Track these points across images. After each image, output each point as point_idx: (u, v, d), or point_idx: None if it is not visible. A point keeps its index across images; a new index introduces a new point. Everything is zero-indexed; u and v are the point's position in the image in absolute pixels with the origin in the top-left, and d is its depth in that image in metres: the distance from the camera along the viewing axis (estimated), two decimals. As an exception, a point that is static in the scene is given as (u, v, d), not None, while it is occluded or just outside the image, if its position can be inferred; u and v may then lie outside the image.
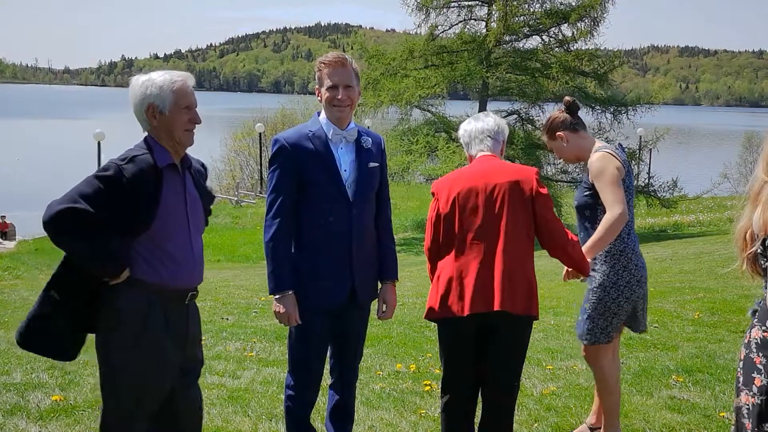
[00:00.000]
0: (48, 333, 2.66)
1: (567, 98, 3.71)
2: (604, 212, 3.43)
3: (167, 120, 2.66)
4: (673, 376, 4.83)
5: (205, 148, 17.38)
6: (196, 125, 2.73)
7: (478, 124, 3.34)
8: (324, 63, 3.10)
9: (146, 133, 2.72)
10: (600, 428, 3.84)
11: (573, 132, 3.65)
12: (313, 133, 3.12)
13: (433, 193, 3.30)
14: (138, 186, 2.55)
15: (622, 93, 27.21)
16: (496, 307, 3.06)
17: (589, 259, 3.43)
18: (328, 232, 3.10)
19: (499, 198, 3.11)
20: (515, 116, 24.72)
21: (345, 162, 3.13)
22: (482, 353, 3.23)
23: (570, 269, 3.47)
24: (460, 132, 3.40)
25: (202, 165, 2.92)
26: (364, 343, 3.40)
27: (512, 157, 22.54)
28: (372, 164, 3.19)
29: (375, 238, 3.26)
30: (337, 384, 3.35)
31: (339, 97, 3.08)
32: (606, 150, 3.54)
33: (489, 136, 3.30)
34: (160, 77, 2.66)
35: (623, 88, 31.13)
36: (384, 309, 3.31)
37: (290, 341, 3.24)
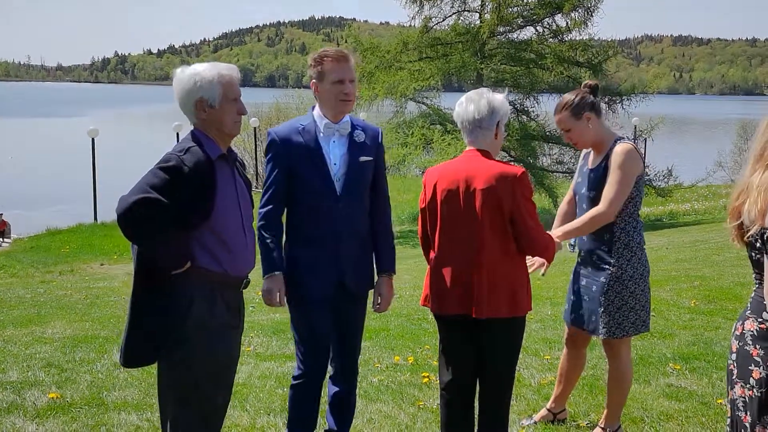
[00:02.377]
0: (146, 341, 2.66)
1: (590, 81, 3.60)
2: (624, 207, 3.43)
3: (217, 113, 2.70)
4: (671, 364, 4.84)
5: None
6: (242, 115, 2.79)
7: (471, 109, 3.15)
8: (328, 57, 3.10)
9: (192, 127, 2.75)
10: (562, 411, 3.94)
11: (597, 116, 3.53)
12: (304, 127, 3.15)
13: (424, 183, 3.28)
14: (198, 175, 2.59)
15: (617, 83, 27.21)
16: (474, 314, 3.08)
17: (560, 242, 3.44)
18: (316, 225, 3.14)
19: (477, 203, 3.05)
20: (510, 107, 24.63)
21: (335, 156, 3.15)
22: (476, 347, 3.23)
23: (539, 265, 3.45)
24: (454, 116, 3.28)
25: (240, 158, 2.97)
26: (361, 336, 3.40)
27: (507, 149, 22.54)
28: (364, 158, 3.18)
29: (368, 232, 3.27)
30: (337, 376, 3.37)
31: (347, 91, 3.10)
32: (631, 143, 3.44)
33: (478, 126, 3.15)
34: (208, 72, 2.68)
35: (617, 78, 31.14)
36: (379, 302, 3.33)
37: (294, 336, 3.28)
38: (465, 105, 3.20)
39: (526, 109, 24.78)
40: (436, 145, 23.06)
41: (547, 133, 23.85)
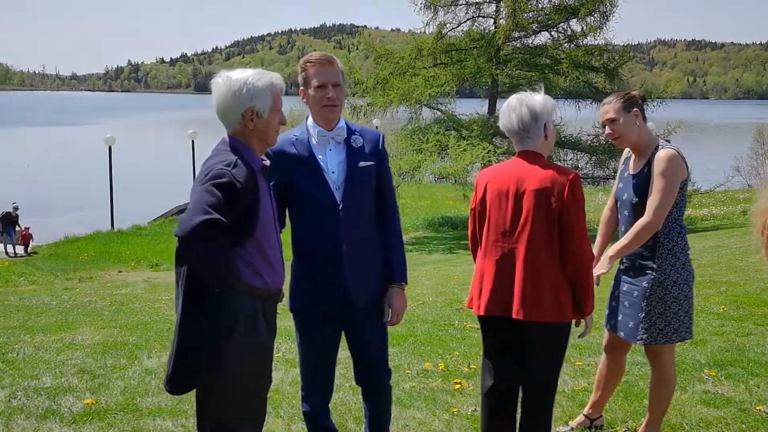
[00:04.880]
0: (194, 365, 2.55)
1: (639, 91, 3.62)
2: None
3: (264, 123, 2.62)
4: (705, 371, 4.79)
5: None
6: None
7: (514, 119, 3.14)
8: (310, 62, 3.00)
9: (224, 135, 2.66)
10: (599, 417, 3.90)
11: (644, 118, 3.55)
12: (297, 137, 3.05)
13: (475, 184, 3.28)
14: (248, 190, 2.51)
15: (632, 88, 27.09)
16: (515, 315, 3.05)
17: (611, 263, 3.41)
18: (318, 236, 3.03)
19: (525, 206, 3.03)
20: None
21: (333, 164, 3.03)
22: (519, 352, 3.20)
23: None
24: (500, 125, 3.27)
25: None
26: (383, 350, 3.24)
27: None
28: (364, 163, 3.05)
29: (375, 240, 3.13)
30: (367, 396, 3.30)
31: (329, 95, 2.98)
32: (674, 148, 3.43)
33: (526, 135, 3.13)
34: (259, 80, 2.59)
35: (632, 83, 30.98)
36: (390, 315, 3.17)
37: (298, 347, 3.23)
38: (507, 114, 3.17)
39: (541, 114, 24.64)
40: (451, 151, 23.00)
41: (563, 139, 23.78)
